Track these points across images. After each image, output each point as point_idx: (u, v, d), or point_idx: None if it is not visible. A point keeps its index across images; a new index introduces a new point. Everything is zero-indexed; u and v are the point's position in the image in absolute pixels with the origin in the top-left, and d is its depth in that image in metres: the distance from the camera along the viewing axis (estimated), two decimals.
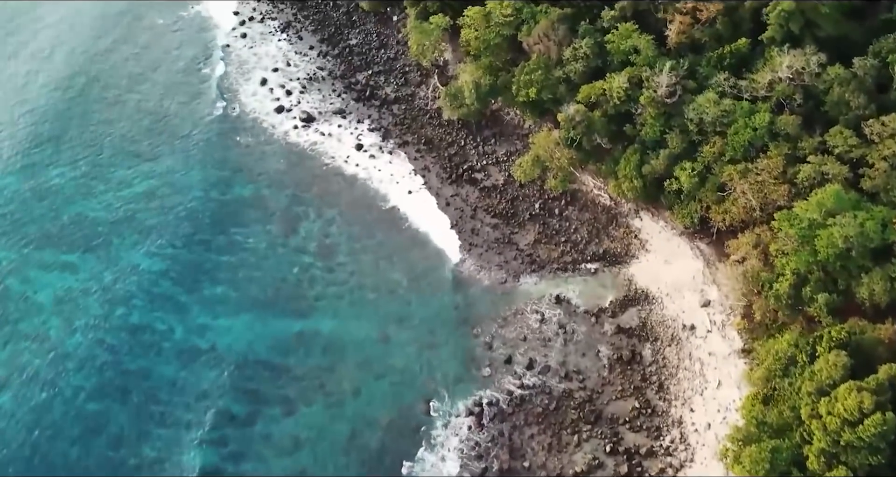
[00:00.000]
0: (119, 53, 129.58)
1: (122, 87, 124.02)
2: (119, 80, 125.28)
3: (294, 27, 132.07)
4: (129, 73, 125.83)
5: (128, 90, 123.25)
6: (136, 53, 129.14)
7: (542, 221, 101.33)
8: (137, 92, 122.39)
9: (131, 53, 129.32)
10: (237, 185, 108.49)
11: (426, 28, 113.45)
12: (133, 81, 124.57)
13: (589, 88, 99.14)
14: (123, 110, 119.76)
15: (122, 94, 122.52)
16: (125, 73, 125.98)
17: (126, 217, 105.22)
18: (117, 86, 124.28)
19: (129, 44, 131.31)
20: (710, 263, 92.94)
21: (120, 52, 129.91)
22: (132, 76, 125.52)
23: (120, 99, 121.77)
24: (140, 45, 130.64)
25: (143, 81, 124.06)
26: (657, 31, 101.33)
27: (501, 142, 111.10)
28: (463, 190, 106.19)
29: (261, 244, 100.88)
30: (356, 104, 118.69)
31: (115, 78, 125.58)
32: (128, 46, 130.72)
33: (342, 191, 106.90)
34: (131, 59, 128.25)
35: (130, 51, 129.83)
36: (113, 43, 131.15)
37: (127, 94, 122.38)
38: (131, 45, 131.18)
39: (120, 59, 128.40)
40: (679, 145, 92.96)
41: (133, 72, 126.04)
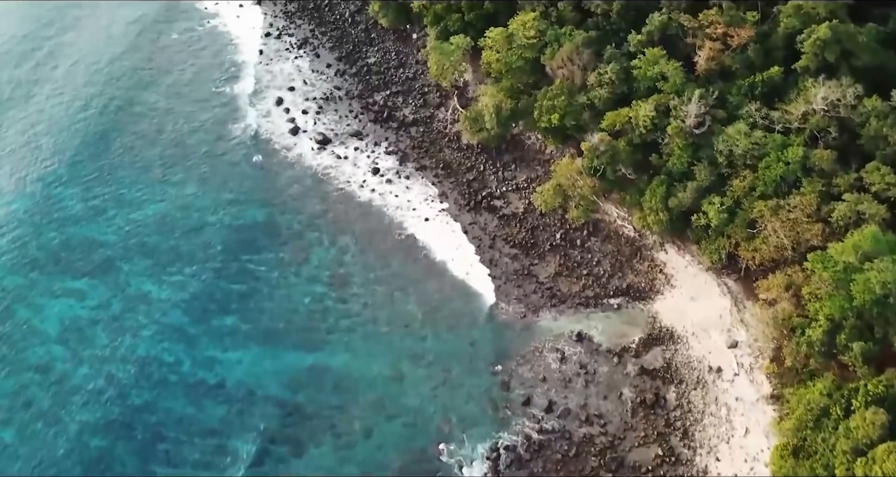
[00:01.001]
0: (133, 71, 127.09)
1: (135, 106, 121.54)
2: (131, 98, 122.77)
3: (311, 44, 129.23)
4: (142, 92, 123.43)
5: (140, 110, 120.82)
6: (151, 72, 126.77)
7: (563, 253, 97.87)
8: (150, 112, 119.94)
9: (146, 72, 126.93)
10: (250, 209, 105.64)
11: (446, 49, 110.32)
12: (146, 101, 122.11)
13: (614, 116, 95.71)
14: (135, 130, 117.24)
15: (133, 114, 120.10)
16: (138, 92, 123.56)
17: (136, 242, 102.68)
18: (129, 105, 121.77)
19: (143, 60, 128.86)
20: (738, 302, 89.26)
21: (134, 69, 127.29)
22: (145, 95, 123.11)
23: (132, 119, 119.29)
24: (155, 62, 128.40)
25: (157, 101, 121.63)
26: (685, 56, 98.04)
27: (522, 167, 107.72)
28: (481, 218, 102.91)
29: (273, 273, 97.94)
30: (373, 126, 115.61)
31: (127, 96, 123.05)
32: (143, 63, 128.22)
33: (357, 217, 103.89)
34: (146, 77, 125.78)
35: (145, 68, 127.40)
36: (127, 60, 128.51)
37: (139, 114, 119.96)
38: (146, 61, 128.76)
39: (134, 78, 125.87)
40: (707, 178, 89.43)
41: (147, 91, 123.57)
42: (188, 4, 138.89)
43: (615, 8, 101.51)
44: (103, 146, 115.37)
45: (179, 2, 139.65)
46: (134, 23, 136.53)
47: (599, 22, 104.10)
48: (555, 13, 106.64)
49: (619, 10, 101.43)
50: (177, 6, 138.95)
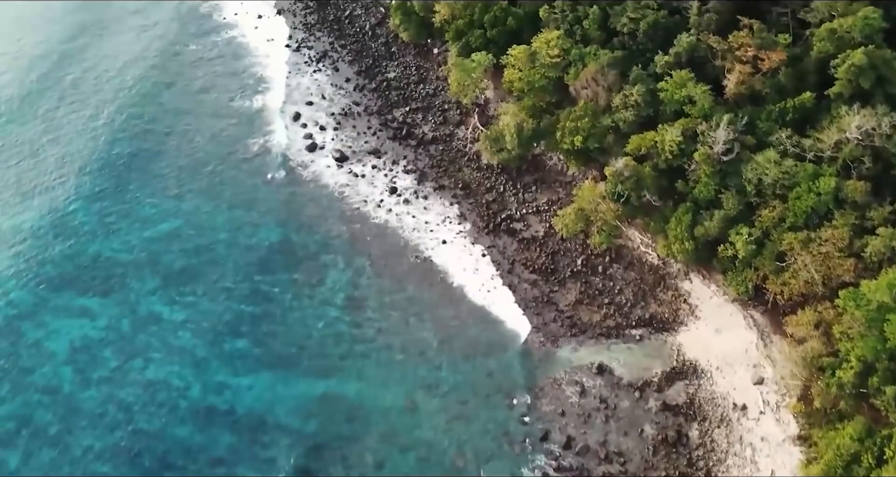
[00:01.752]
0: (148, 83, 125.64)
1: (148, 120, 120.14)
2: (146, 110, 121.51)
3: (330, 57, 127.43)
4: (157, 104, 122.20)
5: (154, 124, 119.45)
6: (165, 84, 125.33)
7: (584, 280, 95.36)
8: (165, 126, 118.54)
9: (161, 84, 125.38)
10: (264, 228, 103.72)
11: (468, 66, 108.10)
12: (160, 115, 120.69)
13: (639, 139, 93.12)
14: (149, 145, 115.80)
15: (147, 128, 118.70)
16: (153, 104, 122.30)
17: (148, 259, 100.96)
18: (143, 119, 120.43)
19: (158, 72, 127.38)
20: (764, 335, 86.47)
21: (149, 81, 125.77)
22: (160, 107, 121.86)
23: (146, 131, 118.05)
24: (170, 74, 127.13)
25: (172, 115, 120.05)
26: (714, 78, 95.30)
27: (543, 189, 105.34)
28: (501, 241, 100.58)
29: (286, 294, 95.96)
30: (392, 143, 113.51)
31: (141, 108, 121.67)
32: (158, 75, 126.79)
33: (374, 238, 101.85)
34: (161, 89, 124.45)
35: (160, 80, 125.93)
36: (141, 71, 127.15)
37: (153, 128, 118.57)
38: (161, 73, 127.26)
39: (148, 90, 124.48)
40: (735, 207, 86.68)
41: (161, 104, 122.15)
42: (206, 13, 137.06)
43: (642, 27, 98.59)
44: (117, 160, 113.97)
45: (198, 10, 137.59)
46: (150, 33, 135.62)
47: (625, 41, 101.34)
48: (579, 31, 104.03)
49: (647, 30, 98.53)
50: (194, 15, 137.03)
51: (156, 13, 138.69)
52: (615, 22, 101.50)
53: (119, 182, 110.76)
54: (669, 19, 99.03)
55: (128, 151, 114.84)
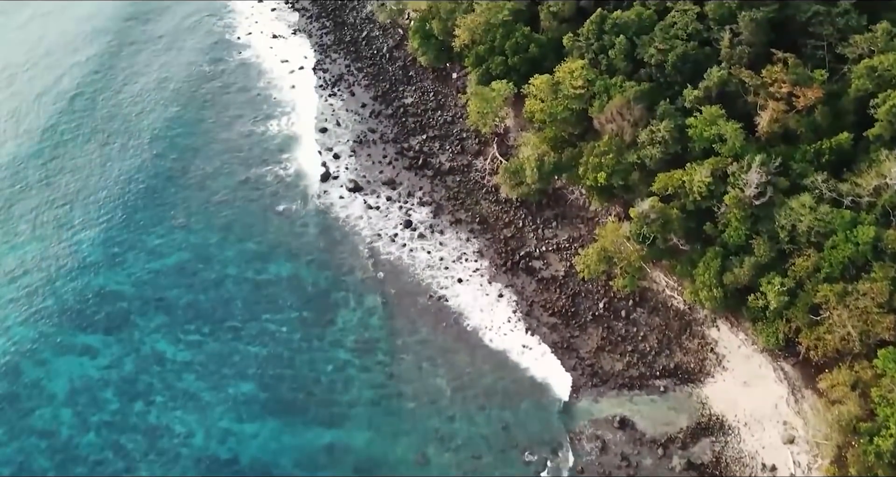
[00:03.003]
0: (158, 106, 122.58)
1: (156, 145, 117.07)
2: (152, 137, 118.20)
3: (346, 81, 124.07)
4: (165, 130, 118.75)
5: (162, 149, 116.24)
6: (175, 107, 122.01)
7: (606, 324, 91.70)
8: (173, 151, 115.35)
9: (171, 107, 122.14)
10: (274, 262, 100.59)
11: (487, 95, 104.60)
12: (169, 139, 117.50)
13: (666, 178, 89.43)
14: (157, 171, 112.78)
15: (155, 153, 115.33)
16: (161, 130, 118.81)
17: (153, 294, 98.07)
18: (150, 143, 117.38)
19: (168, 95, 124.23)
20: (795, 390, 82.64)
21: (159, 104, 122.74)
22: (168, 133, 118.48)
23: (153, 158, 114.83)
24: (181, 96, 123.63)
25: (179, 139, 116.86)
26: (745, 114, 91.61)
27: (563, 225, 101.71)
28: (519, 280, 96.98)
29: (295, 335, 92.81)
30: (407, 173, 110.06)
31: (148, 135, 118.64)
32: (168, 99, 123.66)
33: (387, 275, 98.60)
34: (170, 114, 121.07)
35: (170, 104, 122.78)
36: (153, 95, 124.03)
37: (160, 154, 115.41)
38: (171, 96, 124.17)
39: (157, 113, 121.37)
40: (767, 254, 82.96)
41: (170, 128, 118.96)
42: (219, 32, 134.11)
43: (670, 59, 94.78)
44: (123, 187, 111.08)
45: (211, 28, 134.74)
46: (161, 51, 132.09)
47: (652, 73, 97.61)
48: (605, 61, 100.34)
49: (675, 62, 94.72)
50: (206, 33, 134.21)
51: (165, 29, 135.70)
52: (642, 52, 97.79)
53: (126, 211, 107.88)
54: (699, 51, 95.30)
55: (135, 178, 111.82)
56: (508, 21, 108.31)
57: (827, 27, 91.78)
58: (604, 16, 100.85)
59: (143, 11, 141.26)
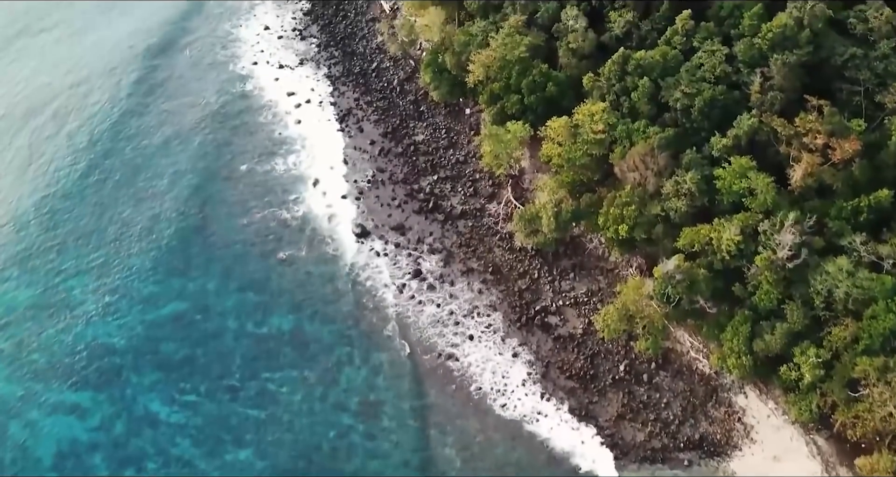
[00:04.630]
0: (155, 139, 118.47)
1: (154, 181, 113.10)
2: (149, 173, 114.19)
3: (355, 115, 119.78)
4: (163, 167, 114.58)
5: (159, 186, 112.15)
6: (173, 141, 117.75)
7: (626, 389, 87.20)
8: (172, 192, 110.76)
9: (168, 140, 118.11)
10: (276, 314, 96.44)
11: (502, 136, 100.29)
12: (166, 175, 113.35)
13: (692, 234, 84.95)
14: (153, 212, 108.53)
15: (153, 193, 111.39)
16: (157, 166, 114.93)
17: (148, 348, 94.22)
18: (147, 179, 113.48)
19: (166, 126, 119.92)
20: (829, 467, 77.97)
21: (155, 137, 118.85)
22: (164, 169, 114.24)
23: (150, 198, 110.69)
24: (179, 128, 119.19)
25: (178, 181, 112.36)
26: (776, 165, 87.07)
27: (581, 276, 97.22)
28: (534, 338, 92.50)
29: (296, 396, 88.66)
30: (417, 217, 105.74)
31: (146, 170, 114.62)
32: (166, 129, 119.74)
33: (394, 331, 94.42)
34: (167, 147, 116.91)
35: (166, 136, 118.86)
36: (152, 128, 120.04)
37: (157, 193, 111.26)
38: (169, 128, 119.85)
39: (155, 150, 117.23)
40: (800, 321, 78.44)
41: (167, 165, 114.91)
42: (222, 62, 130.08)
43: (697, 104, 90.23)
44: (118, 230, 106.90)
45: (215, 57, 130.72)
46: (162, 82, 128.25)
47: (678, 118, 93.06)
48: (627, 104, 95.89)
49: (702, 107, 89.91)
50: (210, 65, 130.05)
51: (165, 57, 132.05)
52: (667, 96, 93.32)
53: (120, 255, 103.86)
54: (728, 95, 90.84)
55: (130, 222, 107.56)
56: (525, 57, 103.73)
57: (864, 72, 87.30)
58: (626, 56, 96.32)
59: (147, 38, 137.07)
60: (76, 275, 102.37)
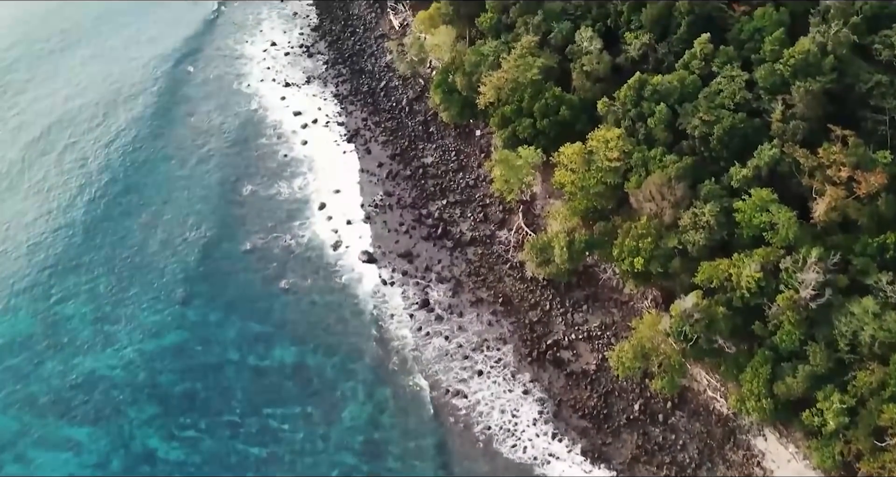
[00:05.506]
0: (156, 159, 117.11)
1: (154, 204, 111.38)
2: (152, 200, 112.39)
3: (363, 136, 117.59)
4: (166, 193, 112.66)
5: (161, 211, 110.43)
6: (177, 165, 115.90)
7: (641, 430, 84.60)
8: (173, 215, 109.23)
9: (171, 163, 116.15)
10: (278, 346, 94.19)
11: (513, 162, 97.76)
12: (169, 202, 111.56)
13: (711, 269, 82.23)
14: (156, 236, 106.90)
15: (154, 216, 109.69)
16: (158, 192, 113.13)
17: (147, 381, 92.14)
18: (147, 202, 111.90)
19: (168, 148, 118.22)
20: None
21: (157, 157, 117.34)
22: (169, 196, 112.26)
23: (153, 221, 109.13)
24: (182, 151, 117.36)
25: (180, 203, 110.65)
26: (798, 197, 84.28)
27: (595, 308, 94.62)
28: (546, 374, 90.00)
29: (298, 433, 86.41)
30: (425, 244, 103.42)
31: (145, 193, 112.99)
32: (168, 152, 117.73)
33: (400, 365, 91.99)
34: (172, 172, 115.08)
35: (171, 157, 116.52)
36: (152, 148, 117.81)
37: (160, 218, 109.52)
38: (172, 149, 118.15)
39: (157, 172, 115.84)
40: (823, 364, 75.62)
41: (171, 190, 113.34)
42: (227, 80, 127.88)
43: (716, 132, 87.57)
44: (119, 254, 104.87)
45: (220, 77, 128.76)
46: (168, 97, 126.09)
47: (696, 146, 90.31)
48: (643, 130, 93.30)
49: (721, 136, 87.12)
50: (215, 81, 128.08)
51: (168, 71, 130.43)
52: (685, 123, 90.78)
53: (121, 282, 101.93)
54: (748, 123, 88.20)
55: (131, 246, 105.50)
56: (538, 80, 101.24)
57: (890, 100, 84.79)
58: (643, 81, 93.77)
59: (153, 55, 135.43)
60: (74, 302, 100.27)
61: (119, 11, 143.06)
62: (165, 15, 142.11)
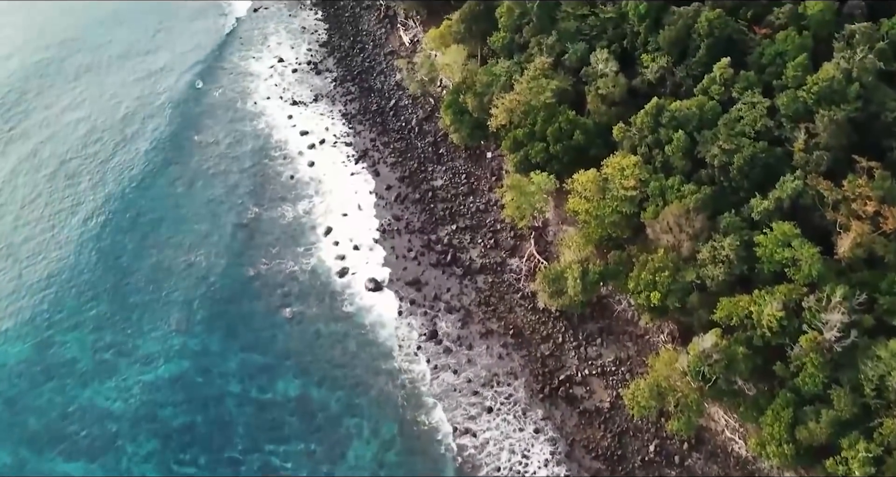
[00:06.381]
0: (159, 180, 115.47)
1: (155, 225, 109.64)
2: (153, 219, 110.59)
3: (371, 158, 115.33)
4: (166, 211, 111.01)
5: (161, 233, 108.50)
6: (181, 184, 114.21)
7: (657, 473, 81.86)
8: (176, 238, 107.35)
9: (174, 182, 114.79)
10: (281, 378, 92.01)
11: (526, 188, 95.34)
12: (171, 221, 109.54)
13: (730, 306, 79.73)
14: (155, 259, 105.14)
15: (156, 240, 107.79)
16: (159, 210, 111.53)
17: (145, 413, 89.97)
18: (149, 224, 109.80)
19: (175, 167, 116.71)
20: None
21: (160, 178, 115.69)
22: (169, 214, 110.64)
23: (154, 245, 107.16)
24: (187, 170, 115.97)
25: (183, 226, 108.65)
26: (822, 229, 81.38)
27: (609, 342, 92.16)
28: (558, 411, 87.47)
29: (301, 472, 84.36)
30: (434, 271, 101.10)
31: (148, 217, 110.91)
32: (174, 171, 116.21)
33: (407, 400, 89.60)
34: (173, 189, 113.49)
35: (174, 178, 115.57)
36: (153, 164, 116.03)
37: (161, 241, 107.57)
38: (178, 168, 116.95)
39: (159, 189, 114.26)
40: (848, 409, 72.86)
41: (172, 208, 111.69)
42: (231, 99, 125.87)
43: (737, 162, 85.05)
44: (120, 279, 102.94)
45: (225, 94, 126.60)
46: (174, 119, 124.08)
47: (715, 175, 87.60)
48: (660, 157, 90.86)
49: (742, 166, 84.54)
50: (220, 98, 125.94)
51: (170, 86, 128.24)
52: (704, 151, 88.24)
53: (121, 308, 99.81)
54: (769, 152, 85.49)
55: (131, 270, 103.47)
56: (551, 103, 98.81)
57: None
58: (660, 106, 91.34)
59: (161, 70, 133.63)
60: (72, 329, 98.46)
61: (127, 21, 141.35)
62: (172, 27, 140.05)
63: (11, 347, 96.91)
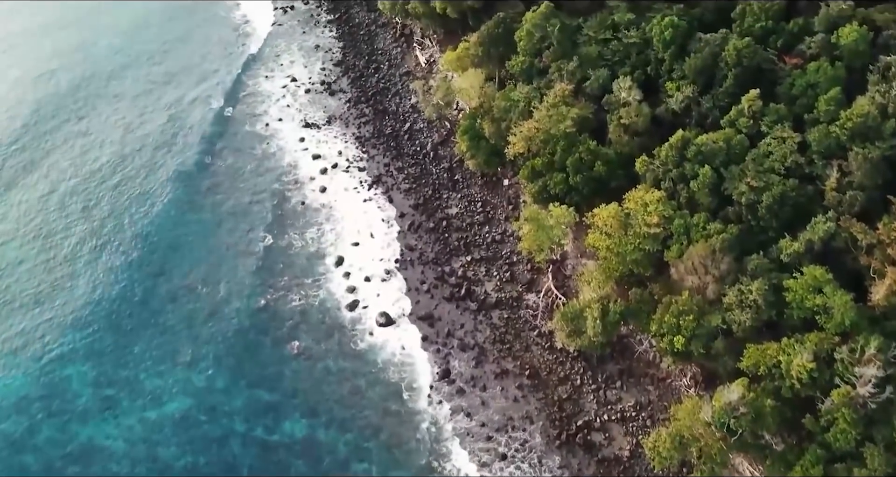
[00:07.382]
0: (167, 207, 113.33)
1: (160, 257, 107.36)
2: (155, 247, 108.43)
3: (384, 184, 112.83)
4: (172, 240, 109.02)
5: (166, 262, 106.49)
6: (186, 215, 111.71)
7: None
8: (181, 268, 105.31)
9: (180, 207, 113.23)
10: (288, 418, 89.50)
11: (544, 221, 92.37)
12: (177, 253, 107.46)
13: (758, 354, 76.74)
14: (160, 290, 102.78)
15: (159, 269, 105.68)
16: (167, 240, 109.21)
17: (147, 454, 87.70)
18: (153, 253, 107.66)
19: (179, 193, 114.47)
20: None
21: (166, 205, 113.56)
22: (174, 245, 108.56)
23: (157, 275, 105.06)
24: (194, 195, 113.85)
25: (188, 255, 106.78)
26: (854, 273, 78.29)
27: (629, 385, 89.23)
28: (575, 460, 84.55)
29: None
30: (448, 305, 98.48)
31: (149, 244, 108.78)
32: (178, 198, 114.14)
33: (416, 445, 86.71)
34: (179, 216, 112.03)
35: (179, 203, 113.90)
36: (160, 188, 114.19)
37: (167, 270, 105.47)
38: (183, 193, 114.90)
39: (165, 215, 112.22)
40: (882, 469, 69.72)
41: (181, 238, 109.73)
42: (241, 121, 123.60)
43: (765, 200, 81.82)
44: (123, 309, 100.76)
45: (234, 118, 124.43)
46: (182, 138, 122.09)
47: (743, 213, 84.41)
48: (685, 193, 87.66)
49: (771, 205, 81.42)
50: (230, 120, 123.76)
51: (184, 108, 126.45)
52: (731, 188, 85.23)
53: (124, 340, 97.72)
54: (800, 191, 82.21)
55: (133, 300, 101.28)
56: (571, 132, 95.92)
57: None
58: (686, 140, 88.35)
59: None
60: (73, 361, 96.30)
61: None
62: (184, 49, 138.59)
63: (10, 380, 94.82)
